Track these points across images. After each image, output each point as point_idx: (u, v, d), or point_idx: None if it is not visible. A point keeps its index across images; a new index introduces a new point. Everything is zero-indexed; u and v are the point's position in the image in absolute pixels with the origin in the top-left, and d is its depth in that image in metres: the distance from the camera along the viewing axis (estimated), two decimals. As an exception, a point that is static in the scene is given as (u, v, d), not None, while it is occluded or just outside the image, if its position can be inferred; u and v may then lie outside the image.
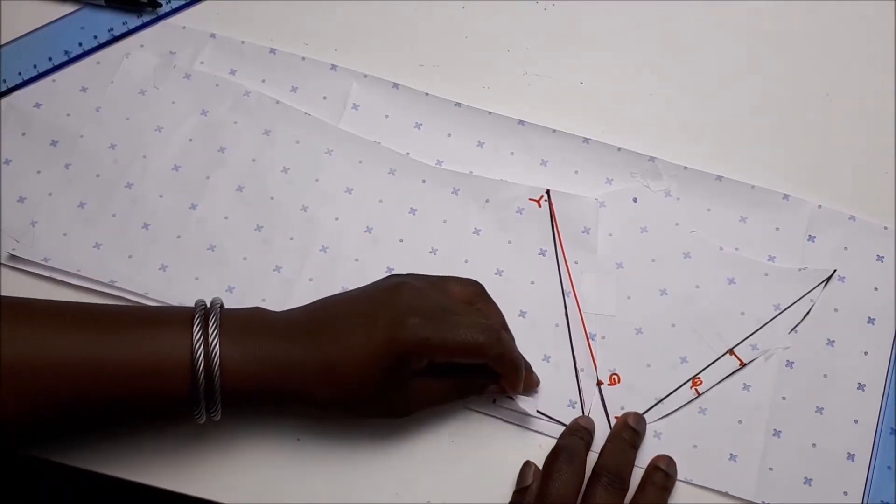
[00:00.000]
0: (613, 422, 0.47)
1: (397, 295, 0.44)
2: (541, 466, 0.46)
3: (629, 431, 0.46)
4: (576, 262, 0.50)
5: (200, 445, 0.46)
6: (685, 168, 0.52)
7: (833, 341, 0.48)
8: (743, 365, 0.48)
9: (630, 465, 0.46)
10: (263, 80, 0.54)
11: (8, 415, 0.39)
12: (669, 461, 0.46)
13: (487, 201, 0.51)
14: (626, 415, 0.47)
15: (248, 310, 0.44)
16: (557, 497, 0.44)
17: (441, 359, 0.43)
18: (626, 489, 0.45)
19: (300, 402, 0.43)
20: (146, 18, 0.55)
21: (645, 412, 0.47)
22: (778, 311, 0.49)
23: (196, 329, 0.41)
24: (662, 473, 0.45)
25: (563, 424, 0.47)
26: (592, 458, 0.46)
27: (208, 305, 0.43)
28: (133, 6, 0.54)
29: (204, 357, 0.41)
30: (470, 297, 0.46)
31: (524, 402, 0.47)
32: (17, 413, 0.40)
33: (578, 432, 0.46)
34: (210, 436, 0.46)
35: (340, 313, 0.44)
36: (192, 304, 0.43)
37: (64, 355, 0.40)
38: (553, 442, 0.46)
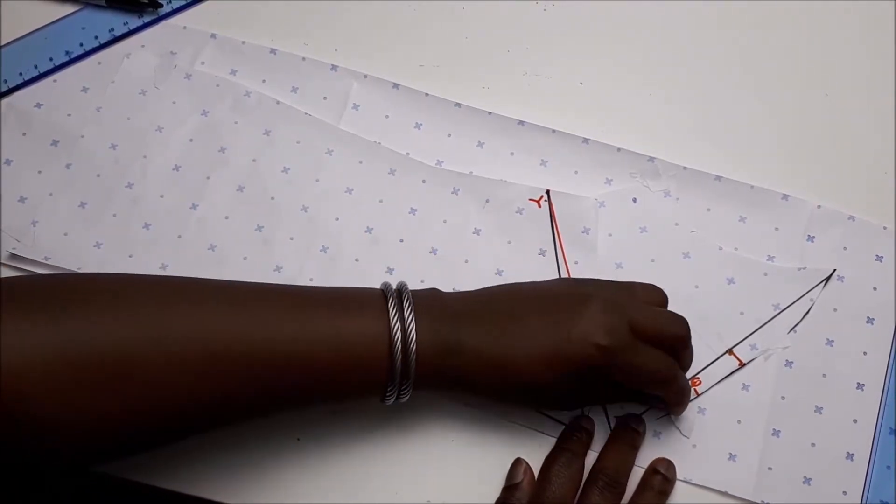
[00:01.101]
0: (613, 422, 0.47)
1: (587, 307, 0.43)
2: (535, 465, 0.46)
3: (630, 433, 0.46)
4: (576, 263, 0.50)
5: (200, 445, 0.46)
6: (685, 168, 0.52)
7: (832, 341, 0.48)
8: (742, 365, 0.48)
9: (629, 468, 0.46)
10: (264, 81, 0.54)
11: (202, 399, 0.39)
12: (669, 465, 0.46)
13: (487, 201, 0.51)
14: (627, 416, 0.47)
15: (429, 291, 0.44)
16: (554, 500, 0.44)
17: (619, 379, 0.43)
18: (623, 492, 0.45)
19: (471, 390, 0.43)
20: (147, 19, 0.55)
21: (644, 412, 0.47)
22: (777, 311, 0.49)
23: (392, 310, 0.41)
24: (661, 477, 0.45)
25: (563, 424, 0.47)
26: (592, 457, 0.46)
27: (393, 287, 0.43)
28: (134, 6, 0.55)
29: (401, 339, 0.40)
30: (653, 303, 0.45)
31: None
32: (210, 398, 0.39)
33: (578, 433, 0.46)
34: (208, 436, 0.46)
35: (527, 308, 0.43)
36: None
37: (260, 337, 0.39)
38: (552, 441, 0.46)
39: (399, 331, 0.41)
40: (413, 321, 0.41)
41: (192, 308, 0.39)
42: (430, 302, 0.43)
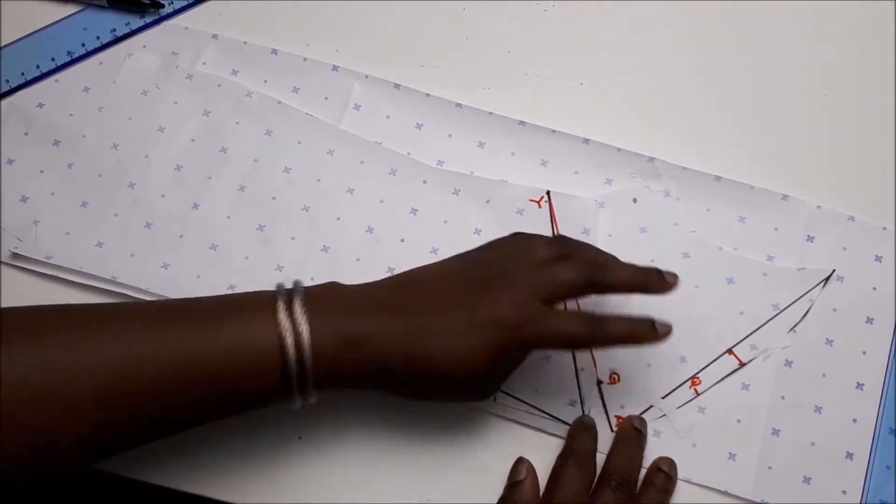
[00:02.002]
0: (613, 421, 0.47)
1: (490, 287, 0.41)
2: (535, 464, 0.46)
3: (635, 434, 0.46)
4: (576, 262, 0.50)
5: (201, 444, 0.46)
6: (684, 168, 0.52)
7: (832, 341, 0.49)
8: (742, 364, 0.48)
9: (638, 468, 0.46)
10: (265, 81, 0.54)
11: (95, 430, 0.38)
12: (671, 463, 0.46)
13: (488, 202, 0.51)
14: (630, 417, 0.47)
15: (327, 286, 0.42)
16: (566, 500, 0.44)
17: (540, 348, 0.45)
18: (633, 492, 0.45)
19: (382, 385, 0.42)
20: (148, 19, 0.55)
21: (644, 412, 0.47)
22: (777, 311, 0.49)
23: (281, 312, 0.39)
24: (664, 475, 0.45)
25: (563, 422, 0.47)
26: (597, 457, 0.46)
27: (288, 287, 0.41)
28: (136, 7, 0.55)
29: (294, 342, 0.39)
30: (559, 253, 0.44)
31: (525, 396, 0.47)
32: (108, 427, 0.38)
33: (586, 433, 0.46)
34: (210, 435, 0.46)
35: (434, 294, 0.42)
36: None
37: (150, 356, 0.38)
38: (553, 441, 0.47)
39: (290, 330, 0.39)
40: (305, 319, 0.39)
41: (69, 337, 0.38)
42: (326, 297, 0.41)
